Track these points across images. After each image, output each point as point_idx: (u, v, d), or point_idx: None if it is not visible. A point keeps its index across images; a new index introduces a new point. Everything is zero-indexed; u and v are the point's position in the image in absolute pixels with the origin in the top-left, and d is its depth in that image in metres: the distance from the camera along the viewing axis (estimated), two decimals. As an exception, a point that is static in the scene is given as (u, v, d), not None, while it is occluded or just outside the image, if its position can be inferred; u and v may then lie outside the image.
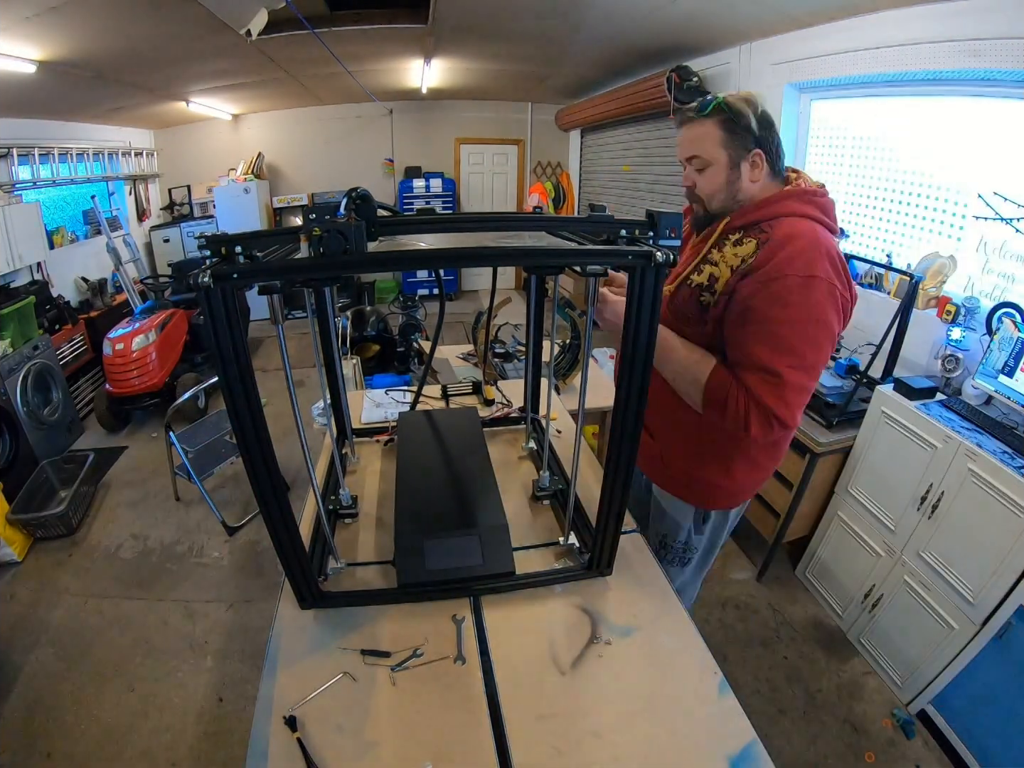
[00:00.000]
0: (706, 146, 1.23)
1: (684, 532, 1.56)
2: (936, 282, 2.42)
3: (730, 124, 1.20)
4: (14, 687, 2.20)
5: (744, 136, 1.20)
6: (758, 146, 1.21)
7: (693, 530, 1.55)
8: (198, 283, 0.71)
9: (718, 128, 1.20)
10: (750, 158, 1.22)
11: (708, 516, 1.54)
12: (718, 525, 1.57)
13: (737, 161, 1.22)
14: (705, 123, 1.22)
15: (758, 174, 1.24)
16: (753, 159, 1.22)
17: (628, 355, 0.92)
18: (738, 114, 1.19)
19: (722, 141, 1.21)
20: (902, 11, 2.41)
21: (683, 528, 1.55)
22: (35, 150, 4.41)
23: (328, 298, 1.45)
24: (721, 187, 1.25)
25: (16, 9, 2.47)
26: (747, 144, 1.21)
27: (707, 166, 1.24)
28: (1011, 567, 1.71)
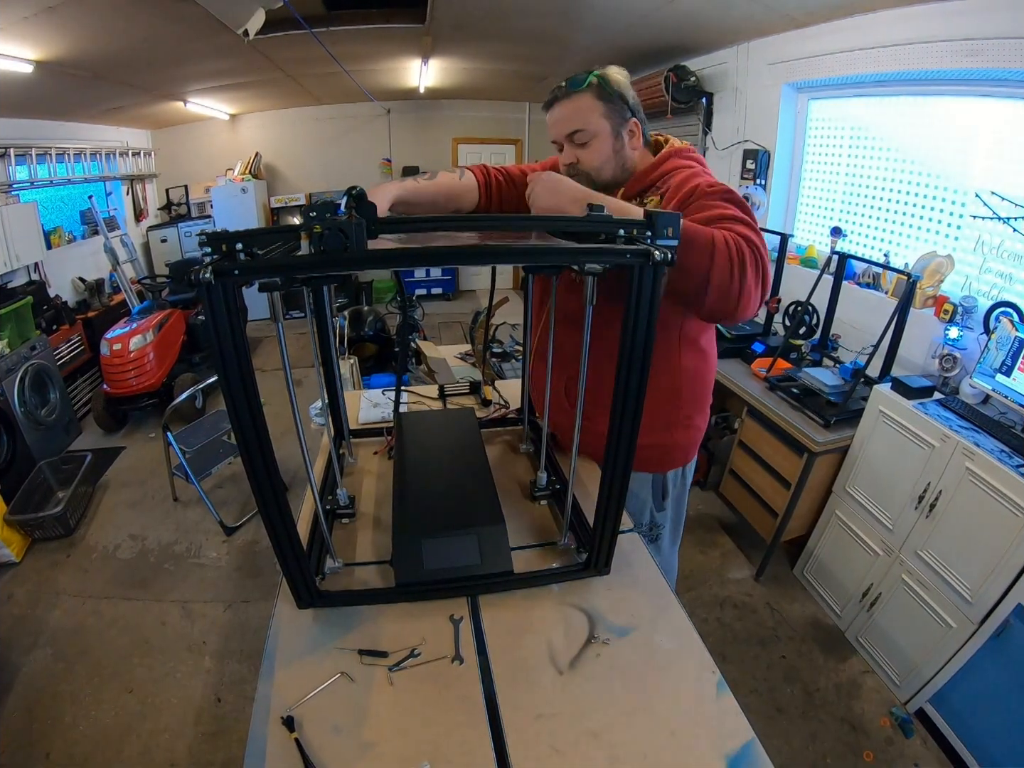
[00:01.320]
0: (589, 118, 1.24)
1: (647, 511, 1.58)
2: (934, 281, 2.42)
3: (606, 95, 1.23)
4: (12, 688, 2.20)
5: (621, 106, 1.25)
6: (633, 115, 1.27)
7: (655, 508, 1.58)
8: (199, 279, 0.71)
9: (596, 99, 1.23)
10: (628, 126, 1.27)
11: (666, 491, 1.57)
12: (678, 496, 1.61)
13: (619, 130, 1.26)
14: (583, 96, 1.24)
15: (636, 142, 1.30)
16: (631, 128, 1.28)
17: (626, 354, 0.92)
18: (613, 83, 1.24)
19: (603, 112, 1.24)
20: (900, 11, 2.41)
21: (645, 506, 1.57)
22: (32, 150, 4.40)
23: (326, 298, 1.45)
24: (609, 156, 1.28)
25: (13, 9, 2.47)
26: (624, 114, 1.26)
27: (591, 138, 1.26)
28: (1009, 565, 1.71)
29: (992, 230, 2.24)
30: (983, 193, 2.25)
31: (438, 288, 7.49)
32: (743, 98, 3.60)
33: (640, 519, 1.58)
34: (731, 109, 3.73)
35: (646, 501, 1.56)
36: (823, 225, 3.28)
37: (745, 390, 2.67)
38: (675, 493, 1.59)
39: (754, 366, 2.79)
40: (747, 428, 2.71)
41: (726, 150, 3.78)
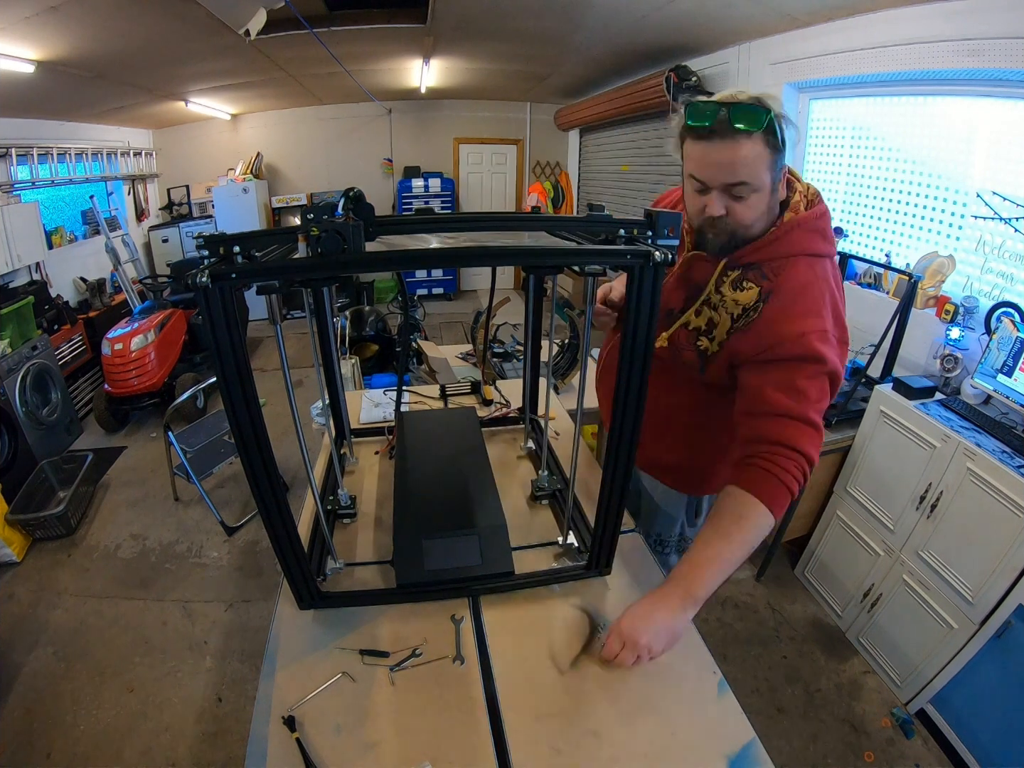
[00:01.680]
0: (758, 171, 1.00)
1: (678, 525, 1.55)
2: (935, 281, 2.42)
3: (775, 143, 0.99)
4: (13, 687, 2.20)
5: (782, 154, 1.01)
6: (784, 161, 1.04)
7: (686, 523, 1.56)
8: (196, 283, 0.71)
9: (766, 147, 0.98)
10: (783, 176, 1.05)
11: (700, 508, 1.54)
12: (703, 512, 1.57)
13: (776, 182, 1.04)
14: (756, 140, 0.97)
15: (784, 191, 1.09)
16: (785, 175, 1.06)
17: (627, 354, 0.92)
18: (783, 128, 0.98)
19: (769, 163, 1.00)
20: (901, 10, 2.41)
21: (676, 522, 1.55)
22: (34, 150, 4.41)
23: (327, 298, 1.45)
24: (763, 214, 1.07)
25: (15, 9, 2.47)
26: (782, 159, 1.02)
27: (753, 193, 1.02)
28: (1010, 566, 1.71)
29: (993, 230, 2.24)
30: (984, 193, 2.25)
31: (439, 288, 7.49)
32: (744, 98, 3.59)
33: (672, 531, 1.57)
34: (732, 109, 3.72)
35: (679, 515, 1.54)
36: (824, 225, 3.27)
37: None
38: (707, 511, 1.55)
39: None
40: (748, 428, 2.70)
41: (727, 150, 3.77)
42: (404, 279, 1.66)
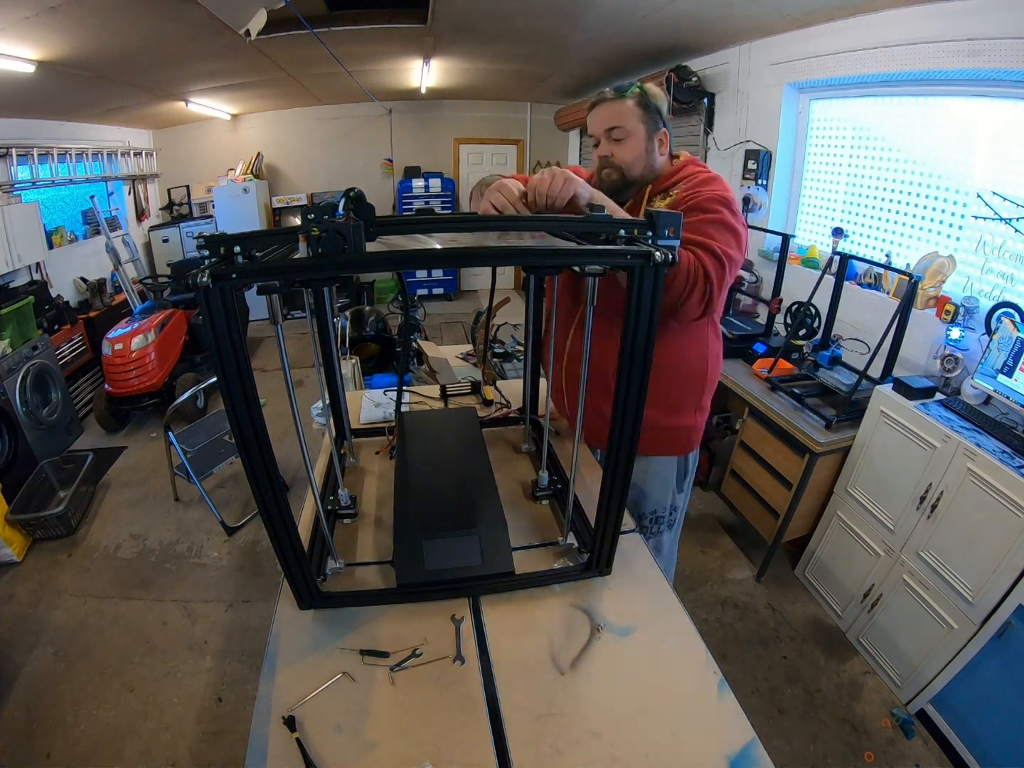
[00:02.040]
0: (628, 119, 1.41)
1: (669, 495, 1.68)
2: (935, 282, 2.42)
3: (645, 104, 1.41)
4: (14, 687, 2.20)
5: (655, 116, 1.43)
6: (664, 127, 1.45)
7: (676, 490, 1.68)
8: (196, 283, 0.71)
9: (636, 106, 1.41)
10: (659, 135, 1.45)
11: (687, 468, 1.68)
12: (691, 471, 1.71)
13: (651, 135, 1.44)
14: (626, 101, 1.41)
15: (664, 149, 1.48)
16: (661, 136, 1.45)
17: (627, 354, 0.92)
18: (652, 96, 1.42)
19: (640, 117, 1.41)
20: (901, 11, 2.41)
21: (668, 491, 1.67)
22: (34, 150, 4.41)
23: (327, 298, 1.45)
24: (641, 155, 1.44)
25: (15, 9, 2.47)
26: (658, 123, 1.44)
27: (627, 136, 1.42)
28: (1010, 566, 1.71)
29: (994, 230, 2.24)
30: (985, 193, 2.25)
31: (439, 288, 7.50)
32: (745, 98, 3.59)
33: (664, 502, 1.68)
34: (733, 109, 3.73)
35: (670, 484, 1.66)
36: (825, 225, 3.27)
37: (747, 391, 2.66)
38: (690, 469, 1.70)
39: (755, 367, 2.78)
40: (748, 428, 2.70)
41: (728, 150, 3.78)
42: (404, 279, 1.66)
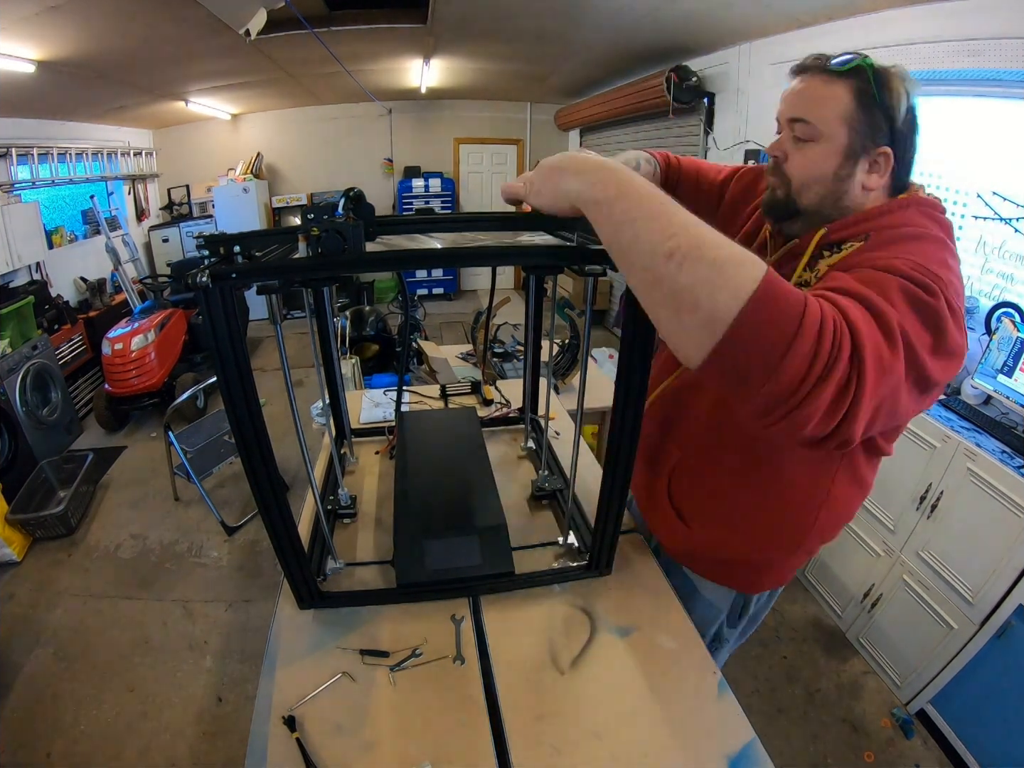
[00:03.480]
0: (825, 111, 0.87)
1: (715, 624, 1.26)
2: (935, 282, 2.41)
3: (868, 98, 0.85)
4: (13, 687, 2.20)
5: (879, 121, 0.86)
6: (891, 144, 0.87)
7: (726, 623, 1.26)
8: (196, 283, 0.71)
9: (850, 95, 0.85)
10: (875, 155, 0.87)
11: (747, 607, 1.24)
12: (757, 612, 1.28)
13: (858, 151, 0.87)
14: (836, 83, 0.86)
15: (876, 181, 0.89)
16: (877, 157, 0.88)
17: (627, 354, 0.92)
18: (884, 87, 0.84)
19: (848, 115, 0.86)
20: (901, 11, 2.41)
21: (715, 620, 1.25)
22: (34, 150, 4.41)
23: (327, 298, 1.45)
24: (823, 177, 0.90)
25: (16, 9, 2.47)
26: (878, 134, 0.86)
27: (814, 139, 0.89)
28: (1010, 566, 1.71)
29: (994, 230, 2.24)
30: (984, 193, 2.25)
31: (439, 288, 7.50)
32: (745, 98, 3.59)
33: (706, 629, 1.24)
34: (733, 109, 3.73)
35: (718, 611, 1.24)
36: (824, 225, 3.27)
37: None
38: (755, 610, 1.27)
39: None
40: (748, 428, 2.70)
41: (727, 150, 3.78)
42: (404, 279, 1.66)
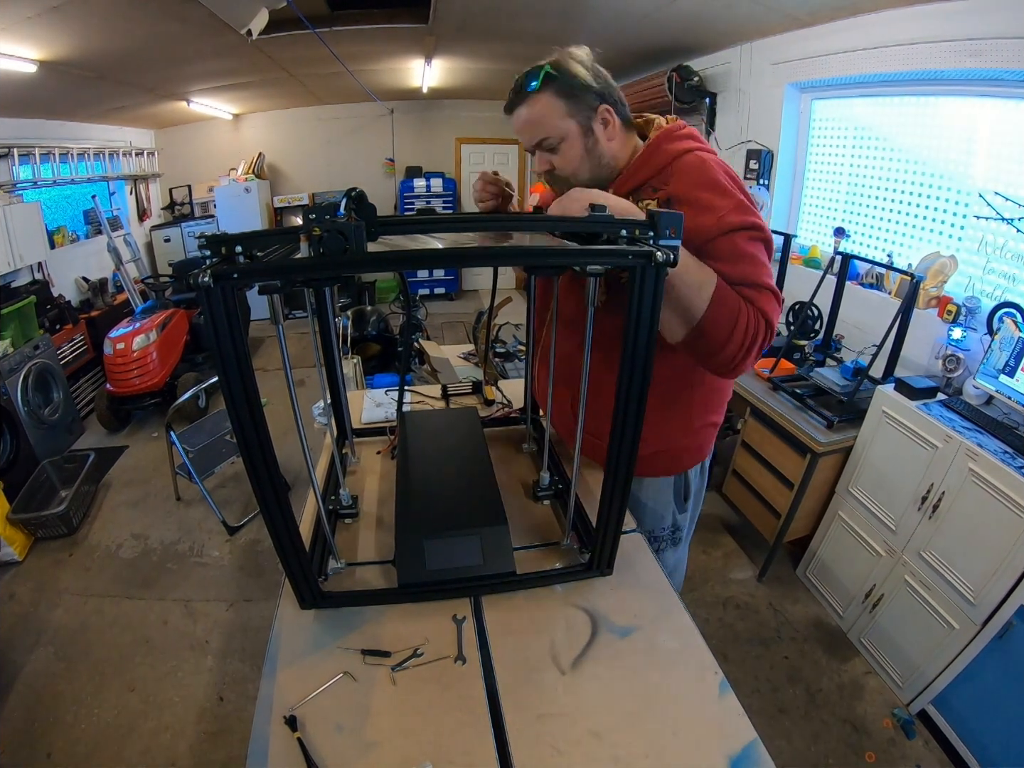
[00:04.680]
0: (551, 122, 1.11)
1: (669, 516, 1.50)
2: (937, 282, 2.41)
3: (566, 89, 1.09)
4: (14, 687, 2.20)
5: (585, 95, 1.10)
6: (602, 101, 1.12)
7: (676, 509, 1.50)
8: (198, 283, 0.71)
9: (556, 98, 1.09)
10: (599, 117, 1.12)
11: (687, 488, 1.49)
12: (697, 491, 1.53)
13: (588, 125, 1.12)
14: (540, 97, 1.10)
15: (612, 130, 1.15)
16: (603, 116, 1.13)
17: (628, 354, 0.92)
18: (570, 75, 1.08)
19: (565, 111, 1.10)
20: (902, 11, 2.41)
21: (666, 513, 1.50)
22: (36, 150, 4.41)
23: (328, 298, 1.45)
24: (583, 157, 1.14)
25: (16, 9, 2.47)
26: (591, 103, 1.11)
27: (560, 142, 1.13)
28: (1012, 567, 1.71)
29: (996, 231, 2.23)
30: (986, 193, 2.25)
31: (441, 288, 7.50)
32: (746, 98, 3.59)
33: (663, 524, 1.50)
34: (734, 109, 3.72)
35: (668, 504, 1.48)
36: (826, 225, 3.27)
37: (748, 391, 2.66)
38: (695, 489, 1.52)
39: (757, 367, 2.78)
40: (750, 429, 2.70)
41: (730, 150, 3.77)
42: (406, 279, 1.66)
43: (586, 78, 1.09)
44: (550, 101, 1.09)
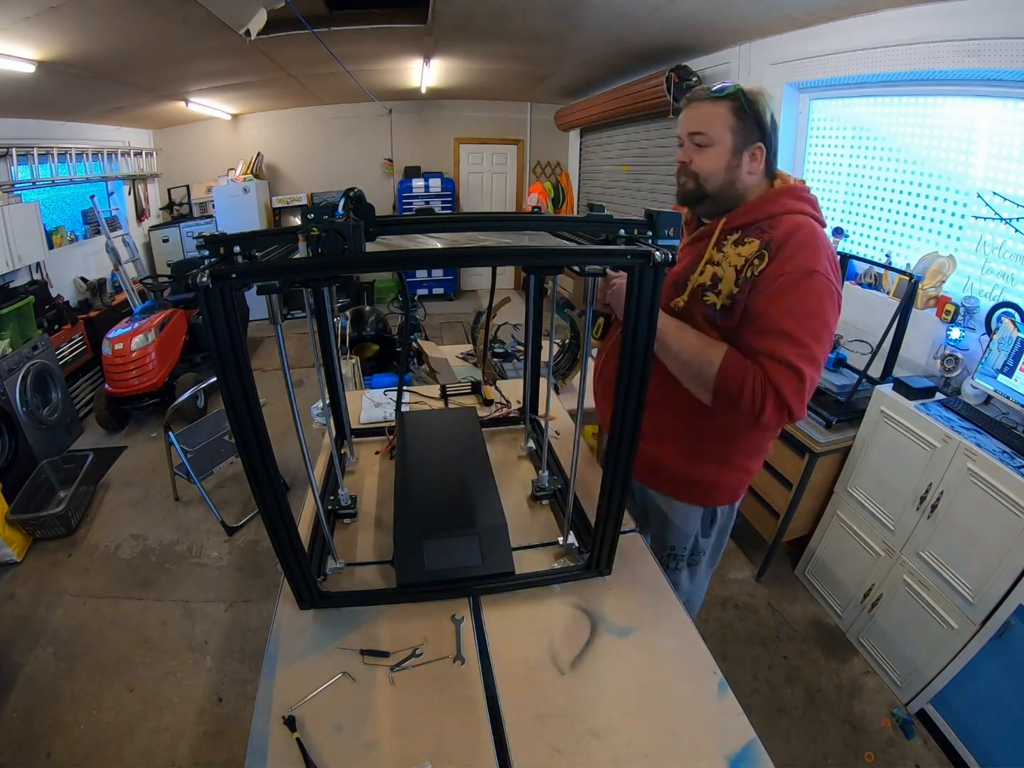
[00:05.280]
0: (715, 125, 1.24)
1: (691, 538, 1.54)
2: (935, 282, 2.42)
3: (742, 112, 1.22)
4: (13, 687, 2.20)
5: (752, 127, 1.23)
6: (762, 140, 1.25)
7: (700, 533, 1.54)
8: (196, 283, 0.71)
9: (729, 112, 1.23)
10: (752, 149, 1.25)
11: (715, 518, 1.53)
12: (724, 523, 1.57)
13: (741, 148, 1.24)
14: (718, 105, 1.24)
15: (756, 167, 1.27)
16: (754, 151, 1.25)
17: (627, 354, 0.92)
18: (752, 104, 1.22)
19: (731, 125, 1.23)
20: (901, 11, 2.41)
21: (691, 535, 1.53)
22: (34, 150, 4.41)
23: (327, 298, 1.45)
24: (721, 169, 1.26)
25: (15, 9, 2.47)
26: (753, 135, 1.24)
27: (710, 144, 1.25)
28: (1010, 566, 1.71)
29: (994, 231, 2.24)
30: (985, 193, 2.25)
31: (440, 288, 7.50)
32: (745, 98, 3.59)
33: (685, 544, 1.55)
34: (733, 109, 3.72)
35: (694, 528, 1.53)
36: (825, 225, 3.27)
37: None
38: (722, 521, 1.56)
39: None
40: (748, 428, 2.70)
41: (728, 150, 3.78)
42: (404, 279, 1.66)
43: (762, 114, 1.24)
44: (724, 112, 1.23)
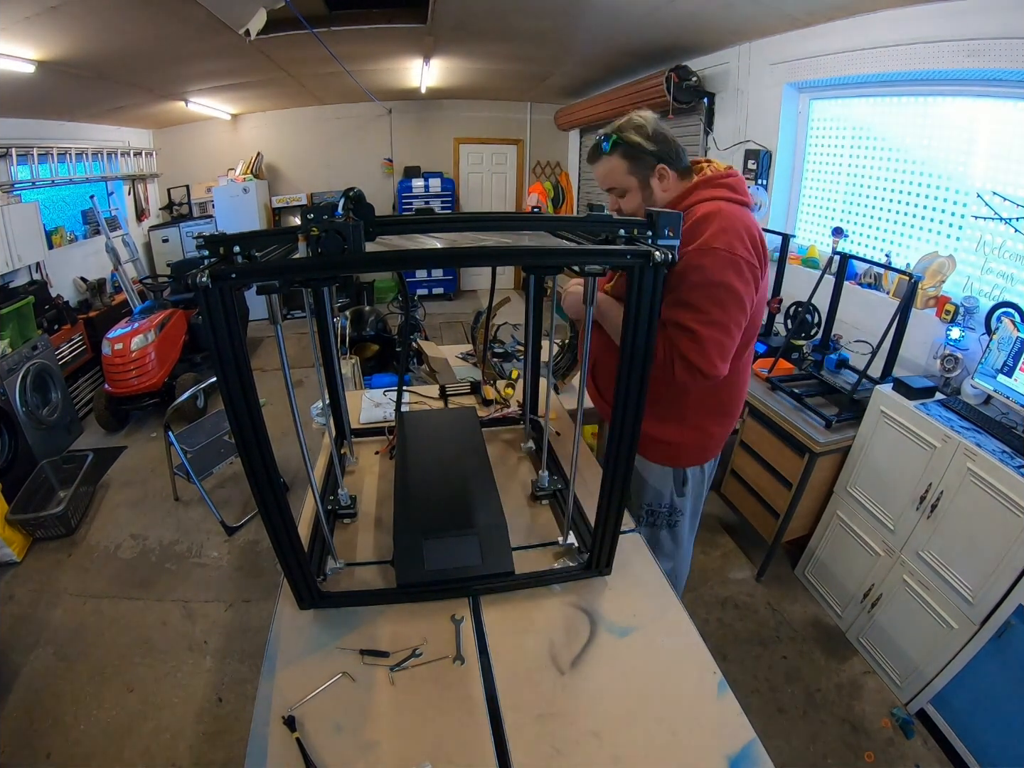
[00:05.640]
0: (617, 177, 1.41)
1: (667, 496, 1.68)
2: (935, 282, 2.42)
3: (629, 153, 1.38)
4: (13, 687, 2.20)
5: (643, 157, 1.38)
6: (659, 161, 1.39)
7: (675, 492, 1.68)
8: (196, 283, 0.71)
9: (621, 159, 1.39)
10: (656, 173, 1.40)
11: (686, 479, 1.67)
12: (696, 484, 1.70)
13: (646, 180, 1.40)
14: (611, 159, 1.40)
15: (667, 183, 1.42)
16: (659, 173, 1.40)
17: (627, 354, 0.92)
18: (633, 145, 1.36)
19: (628, 169, 1.39)
20: (901, 11, 2.41)
21: (665, 493, 1.68)
22: (34, 150, 4.40)
23: (327, 298, 1.45)
24: (640, 206, 1.42)
25: (15, 9, 2.47)
26: (648, 163, 1.39)
27: (625, 190, 1.43)
28: (1010, 566, 1.71)
29: (994, 230, 2.24)
30: (985, 193, 2.25)
31: (439, 288, 7.49)
32: (744, 98, 3.59)
33: (661, 501, 1.68)
34: (733, 109, 3.73)
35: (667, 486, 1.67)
36: (824, 225, 3.27)
37: (747, 391, 2.66)
38: (694, 483, 1.69)
39: (755, 366, 2.78)
40: (749, 428, 2.70)
41: (727, 150, 3.78)
42: (404, 279, 1.66)
43: (645, 143, 1.36)
44: (617, 162, 1.39)
